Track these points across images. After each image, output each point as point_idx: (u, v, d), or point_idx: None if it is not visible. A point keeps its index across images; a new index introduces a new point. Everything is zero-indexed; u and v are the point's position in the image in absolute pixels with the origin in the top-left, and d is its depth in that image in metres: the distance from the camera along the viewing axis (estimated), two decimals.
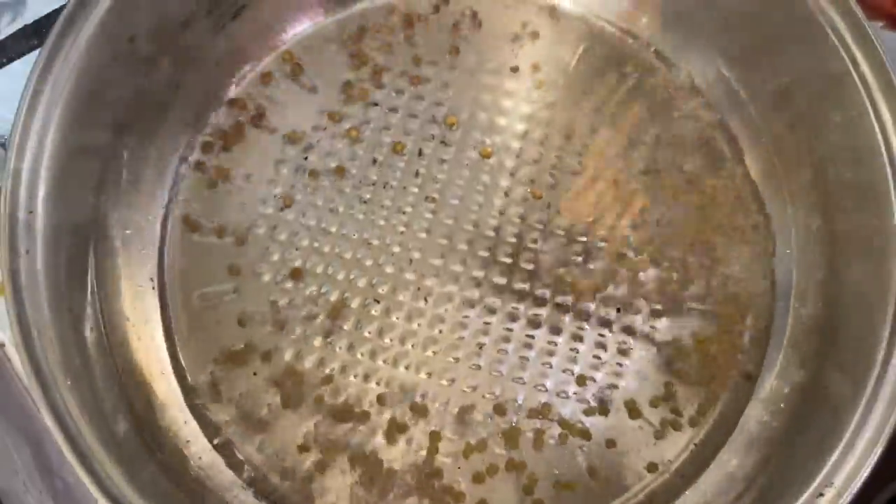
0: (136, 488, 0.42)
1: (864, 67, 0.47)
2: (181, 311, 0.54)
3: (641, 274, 0.54)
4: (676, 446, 0.51)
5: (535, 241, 0.55)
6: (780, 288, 0.54)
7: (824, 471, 0.40)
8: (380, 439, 0.52)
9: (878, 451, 0.40)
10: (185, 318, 0.54)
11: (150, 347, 0.53)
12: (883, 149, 0.45)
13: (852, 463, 0.41)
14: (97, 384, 0.46)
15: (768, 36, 0.52)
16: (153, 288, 0.54)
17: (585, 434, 0.51)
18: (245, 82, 0.58)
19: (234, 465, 0.51)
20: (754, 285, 0.54)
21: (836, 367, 0.47)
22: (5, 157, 0.44)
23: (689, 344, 0.53)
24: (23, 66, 0.59)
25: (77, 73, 0.46)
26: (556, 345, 0.53)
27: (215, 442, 0.52)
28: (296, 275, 0.55)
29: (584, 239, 0.55)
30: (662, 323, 0.54)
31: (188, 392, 0.53)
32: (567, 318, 0.54)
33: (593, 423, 0.52)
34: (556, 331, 0.54)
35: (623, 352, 0.53)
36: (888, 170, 0.45)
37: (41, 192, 0.45)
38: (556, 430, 0.52)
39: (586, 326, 0.54)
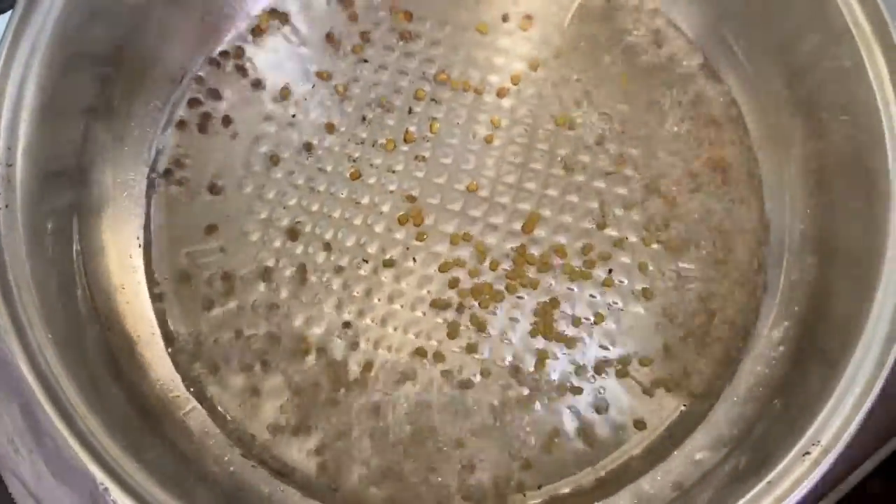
0: (120, 445, 0.42)
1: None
2: (167, 269, 0.54)
3: (633, 236, 0.54)
4: (667, 406, 0.51)
5: (527, 203, 0.55)
6: (773, 243, 0.53)
7: (812, 428, 0.40)
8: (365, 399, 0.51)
9: (866, 407, 0.40)
10: (171, 276, 0.53)
11: (135, 304, 0.52)
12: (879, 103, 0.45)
13: (839, 421, 0.40)
14: (80, 337, 0.46)
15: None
16: (139, 246, 0.54)
17: (577, 391, 0.51)
18: (233, 36, 0.57)
19: (220, 421, 0.51)
20: (750, 239, 0.54)
21: (827, 325, 0.46)
22: None
23: (685, 300, 0.52)
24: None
25: (56, 23, 0.45)
26: (545, 306, 0.53)
27: (200, 400, 0.51)
28: (284, 234, 0.54)
29: (576, 199, 0.54)
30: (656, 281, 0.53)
31: (175, 350, 0.52)
32: (555, 281, 0.53)
33: (583, 383, 0.51)
34: (546, 292, 0.53)
35: (616, 312, 0.53)
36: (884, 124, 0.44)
37: (21, 145, 0.44)
38: (547, 390, 0.51)
39: (574, 288, 0.53)
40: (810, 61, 0.50)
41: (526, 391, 0.51)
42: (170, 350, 0.52)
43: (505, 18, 0.58)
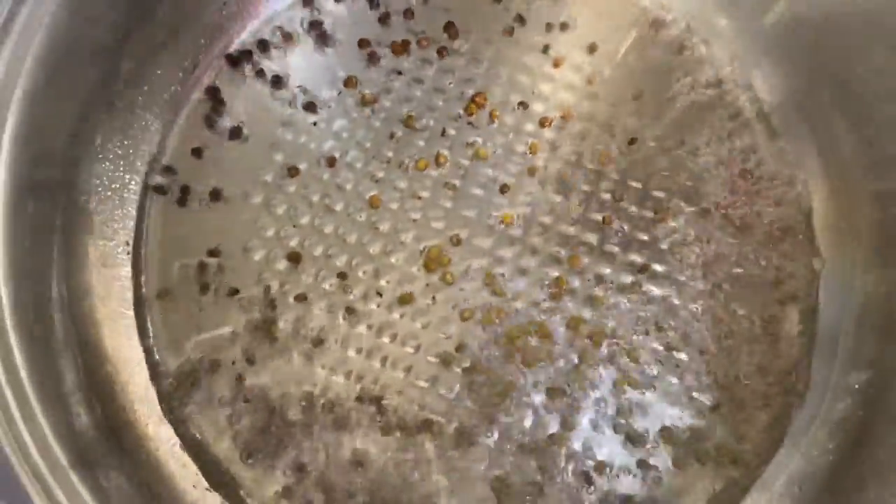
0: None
1: None
2: (155, 283, 0.48)
3: (681, 275, 0.49)
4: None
5: (564, 248, 0.49)
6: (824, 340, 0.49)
7: None
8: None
9: None
10: (159, 292, 0.48)
11: (115, 319, 0.46)
12: None
13: None
14: (55, 352, 0.40)
15: None
16: (127, 254, 0.48)
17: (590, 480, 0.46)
18: (254, 30, 0.52)
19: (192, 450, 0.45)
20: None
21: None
22: None
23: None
24: None
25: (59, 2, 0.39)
26: (576, 360, 0.48)
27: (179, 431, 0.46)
28: (292, 257, 0.48)
29: (616, 249, 0.49)
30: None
31: (155, 373, 0.46)
32: (592, 349, 0.48)
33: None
34: (581, 358, 0.48)
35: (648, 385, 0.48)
36: None
37: (7, 132, 0.38)
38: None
39: (602, 358, 0.48)
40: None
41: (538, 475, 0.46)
42: (150, 374, 0.46)
43: (546, 49, 0.53)
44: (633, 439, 0.46)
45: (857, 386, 0.45)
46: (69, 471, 0.37)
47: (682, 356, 0.48)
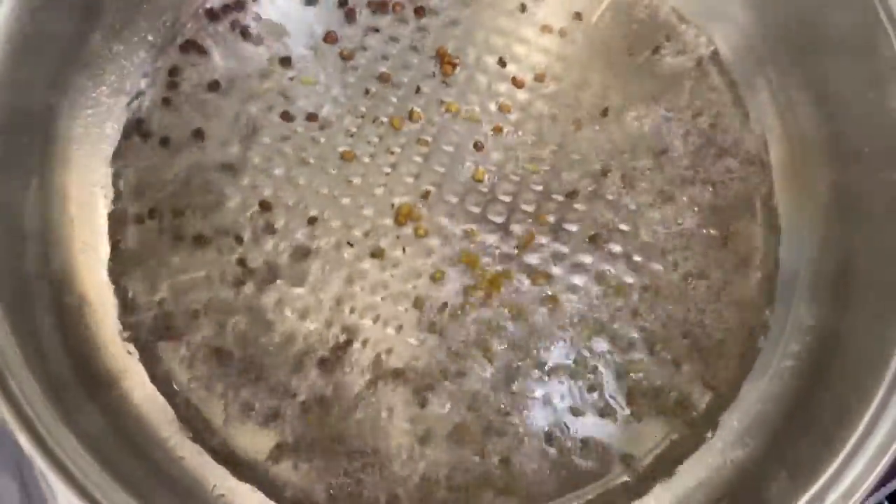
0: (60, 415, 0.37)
1: None
2: (133, 230, 0.49)
3: (646, 236, 0.51)
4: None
5: (530, 205, 0.51)
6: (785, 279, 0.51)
7: (815, 487, 0.37)
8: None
9: (877, 472, 0.37)
10: (135, 234, 0.49)
11: (92, 263, 0.47)
12: None
13: (846, 485, 0.37)
14: (27, 294, 0.41)
15: None
16: (104, 196, 0.49)
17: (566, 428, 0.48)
18: None
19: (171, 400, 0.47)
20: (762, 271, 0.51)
21: (839, 374, 0.44)
22: None
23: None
24: None
25: None
26: (541, 312, 0.49)
27: (153, 375, 0.47)
28: (264, 206, 0.49)
29: (583, 208, 0.51)
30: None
31: (130, 316, 0.47)
32: (548, 284, 0.49)
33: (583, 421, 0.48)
34: (543, 301, 0.49)
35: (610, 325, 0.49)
36: None
37: None
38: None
39: (573, 298, 0.49)
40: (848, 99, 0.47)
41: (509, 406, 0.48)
42: (124, 316, 0.47)
43: (524, 9, 0.54)
44: (594, 389, 0.48)
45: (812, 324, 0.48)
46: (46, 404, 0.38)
47: (646, 311, 0.49)
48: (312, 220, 0.49)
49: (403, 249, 0.49)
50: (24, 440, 0.35)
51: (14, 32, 0.41)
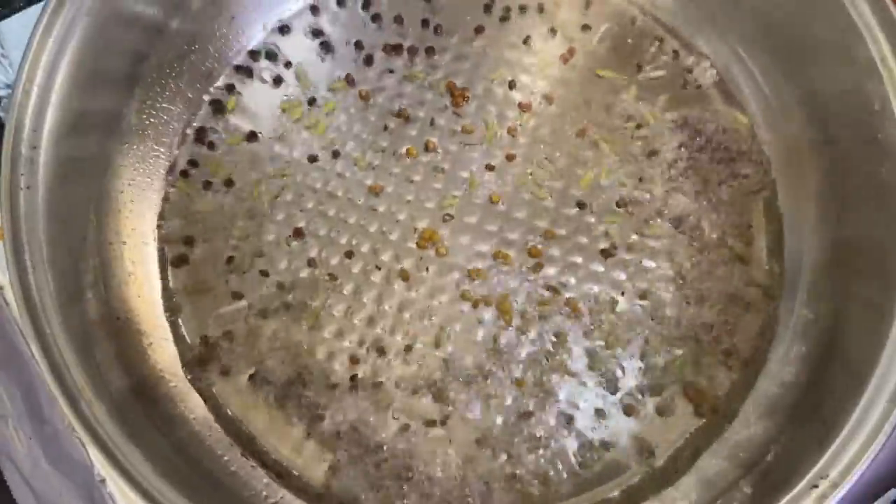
0: (124, 431, 0.42)
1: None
2: (179, 266, 0.54)
3: (651, 241, 0.54)
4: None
5: (544, 220, 0.54)
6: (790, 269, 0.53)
7: (822, 460, 0.40)
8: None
9: (877, 445, 0.39)
10: (183, 274, 0.54)
11: (145, 294, 0.52)
12: None
13: (849, 457, 0.40)
14: (89, 323, 0.46)
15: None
16: (153, 240, 0.54)
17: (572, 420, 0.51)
18: (261, 40, 0.58)
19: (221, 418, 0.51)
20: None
21: (842, 358, 0.46)
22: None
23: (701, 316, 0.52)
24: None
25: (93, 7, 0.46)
26: (560, 318, 0.52)
27: (204, 395, 0.51)
28: (298, 235, 0.54)
29: (593, 220, 0.54)
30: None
31: (181, 343, 0.52)
32: (563, 306, 0.53)
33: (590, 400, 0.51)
34: (562, 307, 0.53)
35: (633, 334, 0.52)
36: None
37: (47, 126, 0.44)
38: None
39: (591, 303, 0.53)
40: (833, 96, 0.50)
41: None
42: (177, 344, 0.52)
43: (526, 41, 0.58)
44: (616, 388, 0.51)
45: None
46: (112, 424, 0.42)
47: (660, 306, 0.53)
48: (343, 247, 0.54)
49: (427, 269, 0.53)
50: (94, 452, 0.40)
51: (69, 86, 0.46)
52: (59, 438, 0.54)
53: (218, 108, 0.57)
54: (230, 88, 0.57)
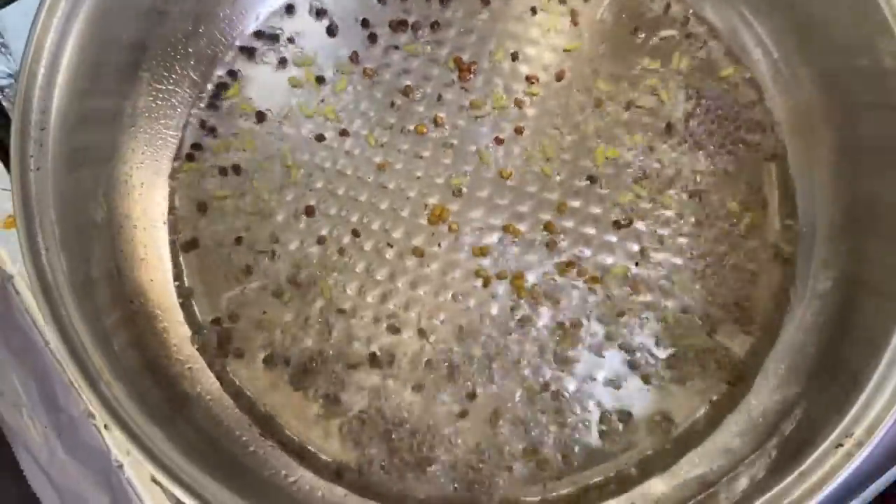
0: (144, 412, 0.42)
1: None
2: (190, 250, 0.54)
3: (665, 210, 0.54)
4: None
5: (554, 194, 0.54)
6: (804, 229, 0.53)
7: (846, 419, 0.39)
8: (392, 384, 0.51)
9: None
10: (195, 254, 0.53)
11: (158, 279, 0.52)
12: None
13: (873, 414, 0.39)
14: (104, 306, 0.46)
15: None
16: (163, 223, 0.54)
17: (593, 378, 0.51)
18: (265, 21, 0.57)
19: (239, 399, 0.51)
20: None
21: (862, 318, 0.46)
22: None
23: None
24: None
25: None
26: (576, 290, 0.52)
27: (220, 377, 0.51)
28: (309, 213, 0.54)
29: (605, 191, 0.54)
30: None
31: (195, 326, 0.52)
32: (577, 277, 0.52)
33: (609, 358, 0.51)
34: (576, 279, 0.52)
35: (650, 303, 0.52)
36: None
37: (54, 109, 0.44)
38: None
39: (598, 285, 0.52)
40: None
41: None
42: (190, 327, 0.52)
43: (533, 12, 0.58)
44: (635, 359, 0.51)
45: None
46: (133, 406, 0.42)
47: (674, 277, 0.52)
48: (354, 225, 0.53)
49: (439, 244, 0.53)
50: (115, 433, 0.40)
51: (79, 64, 0.45)
52: (74, 426, 0.54)
53: (223, 89, 0.56)
54: (235, 70, 0.57)
